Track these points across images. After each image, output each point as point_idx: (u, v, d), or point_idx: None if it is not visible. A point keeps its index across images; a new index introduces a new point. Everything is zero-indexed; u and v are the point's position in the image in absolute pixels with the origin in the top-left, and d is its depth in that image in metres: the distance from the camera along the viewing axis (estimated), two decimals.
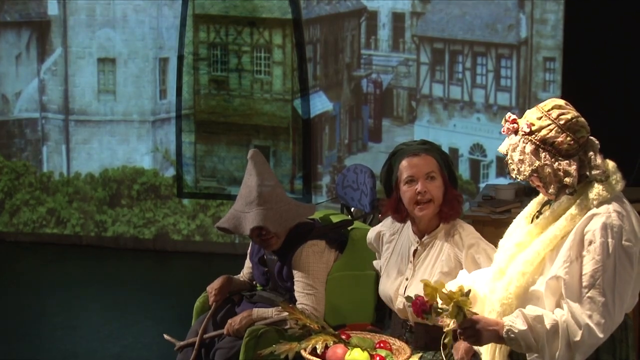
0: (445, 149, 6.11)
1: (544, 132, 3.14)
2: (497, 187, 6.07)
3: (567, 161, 3.13)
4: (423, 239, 3.96)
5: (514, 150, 3.19)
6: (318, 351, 3.64)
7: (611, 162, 3.21)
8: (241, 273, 4.89)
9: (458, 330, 3.15)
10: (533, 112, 3.20)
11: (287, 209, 4.50)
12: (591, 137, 3.19)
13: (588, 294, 3.05)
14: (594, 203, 3.11)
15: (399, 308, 3.94)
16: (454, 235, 3.91)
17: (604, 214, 3.08)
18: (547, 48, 7.39)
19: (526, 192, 5.77)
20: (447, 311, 3.15)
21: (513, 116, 3.21)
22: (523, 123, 3.18)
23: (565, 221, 3.14)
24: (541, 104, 3.21)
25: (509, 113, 3.23)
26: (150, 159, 8.22)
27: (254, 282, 4.84)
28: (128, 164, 8.25)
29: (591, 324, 3.03)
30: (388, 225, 4.14)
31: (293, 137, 7.91)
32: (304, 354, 3.65)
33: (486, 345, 3.30)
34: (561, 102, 3.20)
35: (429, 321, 3.27)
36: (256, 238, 4.53)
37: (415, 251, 3.97)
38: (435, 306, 3.19)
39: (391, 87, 7.81)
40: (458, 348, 3.64)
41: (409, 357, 3.65)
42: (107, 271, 7.80)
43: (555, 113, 3.15)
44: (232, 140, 8.01)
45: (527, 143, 3.16)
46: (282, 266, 4.56)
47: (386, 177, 4.00)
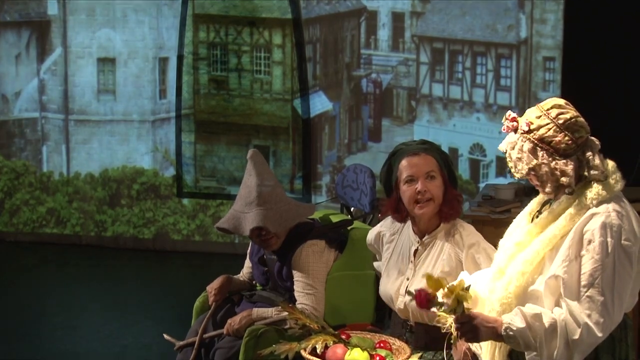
0: (445, 149, 6.11)
1: (543, 131, 3.14)
2: (497, 187, 6.07)
3: (564, 161, 3.13)
4: (423, 239, 3.96)
5: (513, 148, 3.20)
6: (318, 351, 3.64)
7: (611, 162, 3.21)
8: (241, 273, 4.89)
9: (455, 325, 3.15)
10: (532, 111, 3.20)
11: (287, 209, 4.50)
12: (591, 138, 3.19)
13: (587, 293, 3.05)
14: (594, 202, 3.11)
15: (400, 308, 3.94)
16: (455, 235, 3.91)
17: (604, 214, 3.09)
18: (547, 48, 7.39)
19: (526, 192, 5.77)
20: (448, 305, 3.15)
21: (513, 114, 3.21)
22: (522, 121, 3.19)
23: (564, 221, 3.14)
24: (541, 103, 3.21)
25: (509, 111, 3.23)
26: (150, 159, 8.22)
27: (254, 282, 4.83)
28: (128, 164, 8.24)
29: (590, 323, 3.03)
30: (388, 225, 4.14)
31: (293, 137, 7.90)
32: (304, 354, 3.65)
33: (486, 345, 3.31)
34: (561, 102, 3.20)
35: (430, 321, 3.27)
36: (256, 238, 4.53)
37: (415, 251, 3.97)
38: (436, 300, 3.19)
39: (391, 87, 7.80)
40: (457, 349, 3.64)
41: (409, 357, 3.65)
42: (107, 271, 7.80)
43: (554, 112, 3.16)
44: (232, 140, 8.01)
45: (526, 141, 3.17)
46: (282, 266, 4.56)
47: (386, 177, 4.00)
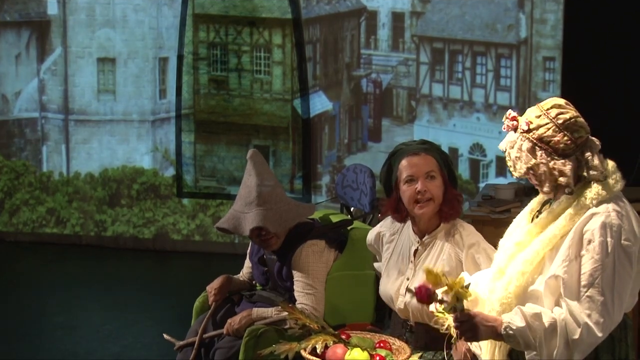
0: (444, 149, 6.11)
1: (542, 131, 3.14)
2: (497, 187, 6.07)
3: (563, 161, 3.13)
4: (424, 239, 3.96)
5: (512, 147, 3.20)
6: (318, 351, 3.64)
7: (611, 162, 3.21)
8: (241, 273, 4.89)
9: (454, 324, 3.15)
10: (533, 110, 3.20)
11: (287, 209, 4.50)
12: (591, 138, 3.19)
13: (587, 293, 3.05)
14: (593, 202, 3.11)
15: (400, 308, 3.94)
16: (455, 234, 3.91)
17: (603, 213, 3.08)
18: (547, 48, 7.39)
19: (526, 192, 5.77)
20: (447, 303, 3.15)
21: (513, 113, 3.21)
22: (522, 121, 3.19)
23: (564, 220, 3.14)
24: (541, 103, 3.21)
25: (510, 110, 3.23)
26: (149, 159, 8.22)
27: (254, 282, 4.83)
28: (128, 164, 8.24)
29: (590, 323, 3.03)
30: (388, 225, 4.14)
31: (293, 137, 7.90)
32: (304, 354, 3.65)
33: (485, 344, 3.31)
34: (561, 102, 3.20)
35: (430, 321, 3.27)
36: (256, 238, 4.53)
37: (415, 251, 3.97)
38: (436, 295, 3.20)
39: (391, 87, 7.80)
40: (457, 349, 3.63)
41: (409, 357, 3.65)
42: (107, 271, 7.80)
43: (554, 112, 3.15)
44: (232, 140, 8.01)
45: (525, 141, 3.17)
46: (282, 266, 4.56)
47: (386, 177, 4.00)
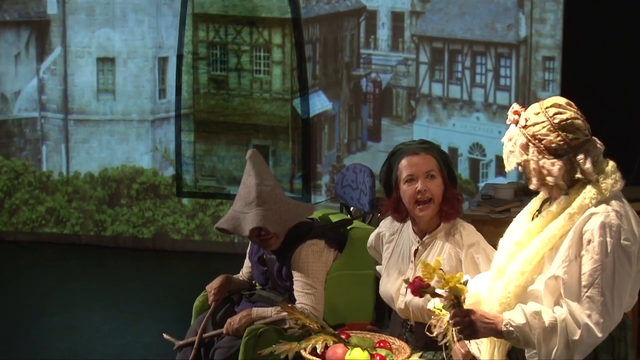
0: (444, 149, 6.11)
1: (537, 128, 3.15)
2: (497, 187, 6.07)
3: (552, 160, 3.13)
4: (424, 239, 3.96)
5: (509, 140, 3.21)
6: (318, 351, 3.64)
7: (611, 162, 3.20)
8: (240, 272, 4.89)
9: (451, 321, 3.15)
10: (533, 107, 3.21)
11: (287, 209, 4.50)
12: (593, 140, 3.17)
13: (587, 294, 3.04)
14: (593, 202, 3.11)
15: (400, 308, 3.94)
16: (455, 234, 3.91)
17: (603, 213, 3.08)
18: (547, 47, 7.39)
19: (526, 192, 5.75)
20: (443, 297, 3.16)
21: (516, 107, 3.21)
22: (522, 116, 3.20)
23: (563, 220, 3.13)
24: (544, 100, 3.21)
25: (515, 104, 3.24)
26: (149, 159, 8.22)
27: (253, 282, 4.83)
28: (127, 164, 8.24)
29: (590, 324, 3.03)
30: (387, 225, 4.14)
31: (292, 137, 7.90)
32: (304, 354, 3.65)
33: (485, 344, 3.30)
34: (563, 101, 3.19)
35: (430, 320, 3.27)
36: (255, 238, 4.52)
37: (416, 251, 3.97)
38: (431, 288, 3.21)
39: (390, 87, 7.80)
40: (457, 351, 3.63)
41: (409, 357, 3.65)
42: (107, 270, 7.80)
43: (552, 111, 3.15)
44: (232, 139, 8.01)
45: (520, 136, 3.18)
46: (282, 266, 4.56)
47: (386, 177, 4.00)
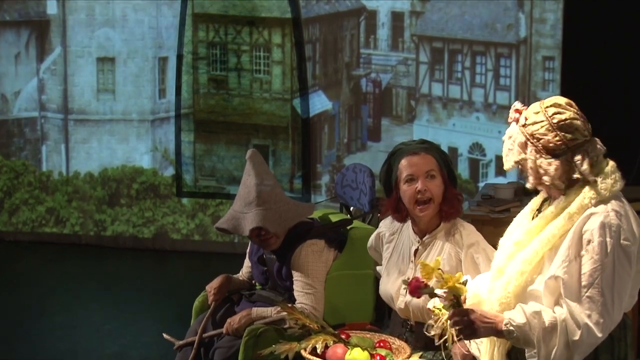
0: (444, 148, 6.12)
1: (535, 127, 3.15)
2: (496, 186, 6.07)
3: (549, 160, 3.13)
4: (424, 239, 3.96)
5: (509, 138, 3.22)
6: (318, 351, 3.64)
7: (611, 162, 3.20)
8: (240, 272, 4.88)
9: (450, 321, 3.16)
10: (534, 106, 3.21)
11: (287, 209, 4.50)
12: (594, 141, 3.16)
13: (587, 294, 3.04)
14: (592, 202, 3.11)
15: (400, 308, 3.94)
16: (455, 234, 3.91)
17: (602, 213, 3.08)
18: (547, 47, 7.39)
19: (525, 192, 5.75)
20: (442, 297, 3.17)
21: (518, 106, 3.22)
22: (523, 114, 3.20)
23: (563, 220, 3.13)
24: (546, 99, 3.21)
25: (517, 102, 3.24)
26: (149, 158, 8.22)
27: (253, 282, 4.83)
28: (127, 163, 8.24)
29: (590, 324, 3.03)
30: (387, 225, 4.14)
31: (292, 137, 7.90)
32: (304, 354, 3.65)
33: (484, 344, 3.30)
34: (563, 101, 3.18)
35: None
36: (255, 238, 4.52)
37: (416, 251, 3.97)
38: (430, 288, 3.21)
39: (390, 87, 7.80)
40: (457, 351, 3.63)
41: (409, 357, 3.65)
42: (107, 270, 7.80)
43: (551, 111, 3.15)
44: (232, 139, 8.01)
45: (520, 134, 3.18)
46: (281, 265, 4.55)
47: (386, 177, 4.00)
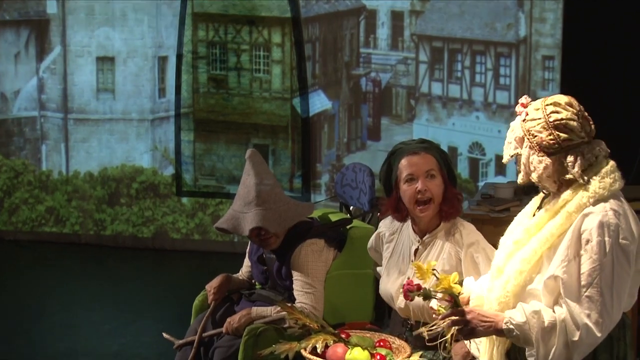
0: (444, 148, 6.11)
1: (532, 124, 3.16)
2: (496, 186, 6.07)
3: (540, 158, 3.14)
4: (424, 238, 3.96)
5: (511, 132, 3.23)
6: (318, 350, 3.64)
7: (611, 162, 3.20)
8: (240, 272, 4.88)
9: (449, 321, 3.16)
10: (537, 102, 3.22)
11: (286, 209, 4.50)
12: (593, 143, 3.16)
13: (586, 293, 3.04)
14: (590, 201, 3.11)
15: (401, 307, 3.94)
16: (455, 233, 3.91)
17: (601, 213, 3.08)
18: (546, 46, 7.39)
19: (525, 191, 5.76)
20: (437, 298, 3.18)
21: (524, 100, 3.22)
22: (526, 110, 3.21)
23: (561, 219, 3.13)
24: (549, 97, 3.22)
25: (525, 96, 3.25)
26: (149, 158, 8.22)
27: (253, 281, 4.83)
28: (127, 163, 8.24)
29: (589, 323, 3.03)
30: (387, 224, 4.14)
31: (292, 136, 7.90)
32: (304, 354, 3.65)
33: (484, 344, 3.31)
34: (563, 100, 3.18)
35: (430, 319, 3.27)
36: (255, 238, 4.52)
37: (416, 250, 3.97)
38: (423, 291, 3.21)
39: (390, 86, 7.80)
40: (457, 351, 3.63)
41: (409, 356, 3.65)
42: (106, 270, 7.80)
43: (550, 109, 3.16)
44: (231, 138, 8.01)
45: (519, 129, 3.20)
46: (281, 265, 4.55)
47: (386, 176, 4.00)
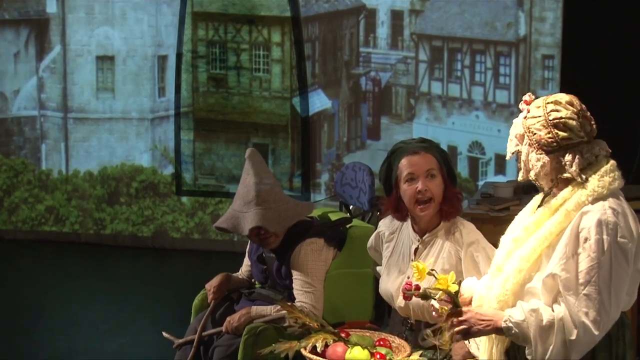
0: (444, 147, 6.11)
1: (532, 121, 3.17)
2: (496, 185, 6.07)
3: (538, 156, 3.15)
4: (424, 237, 3.96)
5: (513, 128, 3.24)
6: (318, 349, 3.64)
7: (611, 161, 3.20)
8: (240, 271, 4.89)
9: (447, 322, 3.17)
10: (539, 100, 3.23)
11: (286, 208, 4.50)
12: (593, 143, 3.16)
13: (584, 291, 3.04)
14: (589, 199, 3.11)
15: (401, 306, 3.94)
16: (455, 232, 3.91)
17: (599, 211, 3.08)
18: (546, 45, 7.39)
19: (525, 190, 5.77)
20: (435, 298, 3.19)
21: (527, 98, 3.23)
22: (529, 107, 3.22)
23: (560, 217, 3.13)
24: (552, 95, 3.22)
25: (530, 93, 3.26)
26: (149, 157, 8.22)
27: (253, 280, 4.84)
28: (127, 162, 8.24)
29: (587, 322, 3.03)
30: (387, 224, 4.14)
31: (292, 135, 7.90)
32: (304, 353, 3.65)
33: (483, 343, 3.31)
34: (564, 99, 3.18)
35: (430, 319, 3.27)
36: (255, 237, 4.52)
37: (416, 249, 3.97)
38: (424, 291, 3.22)
39: (390, 85, 7.80)
40: (457, 351, 3.63)
41: (409, 355, 3.65)
42: (106, 269, 7.80)
43: (550, 107, 3.17)
44: (231, 138, 8.01)
45: (520, 126, 3.21)
46: (281, 264, 4.56)
47: (386, 176, 4.00)
